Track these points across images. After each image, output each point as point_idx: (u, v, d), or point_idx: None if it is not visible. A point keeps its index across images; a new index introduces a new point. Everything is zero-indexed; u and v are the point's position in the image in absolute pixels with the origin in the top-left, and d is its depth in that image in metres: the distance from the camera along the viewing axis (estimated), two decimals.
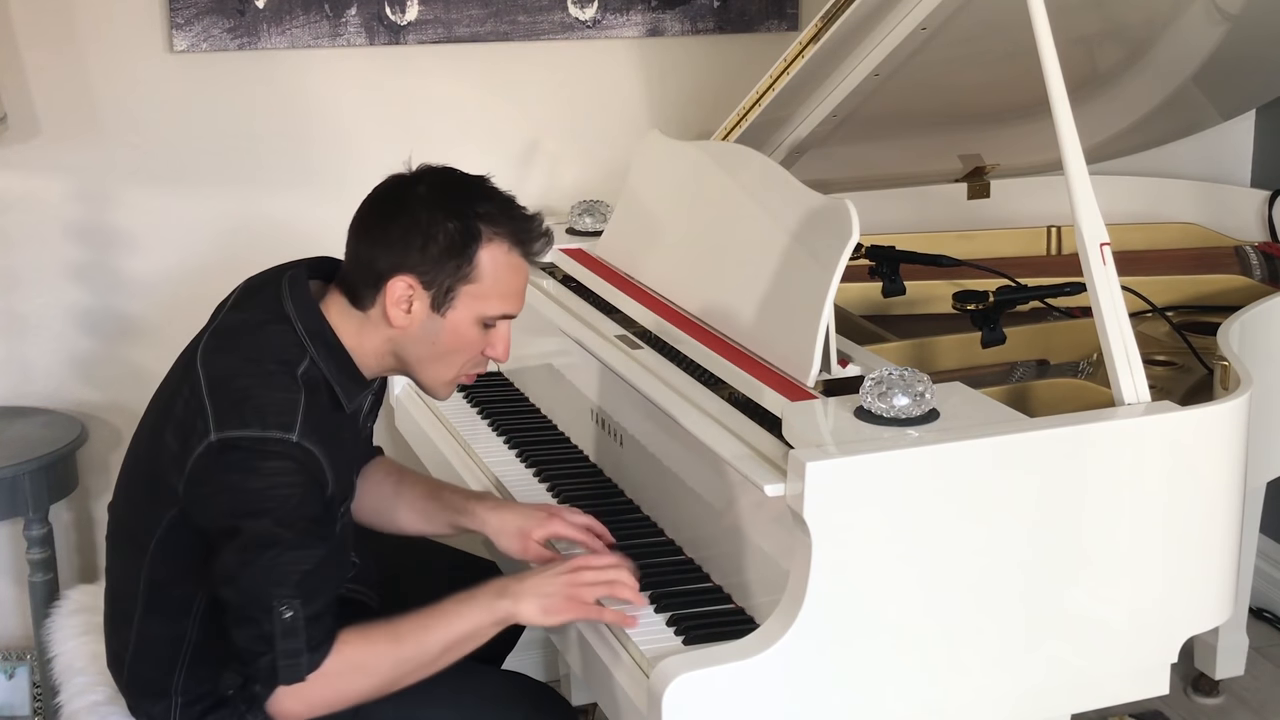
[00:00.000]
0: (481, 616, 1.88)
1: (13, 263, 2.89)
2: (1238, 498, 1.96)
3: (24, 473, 2.68)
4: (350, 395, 1.93)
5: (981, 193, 3.08)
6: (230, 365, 1.86)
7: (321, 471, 1.83)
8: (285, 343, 1.88)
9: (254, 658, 1.79)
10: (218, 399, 1.82)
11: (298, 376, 1.85)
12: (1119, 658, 1.93)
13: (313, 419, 1.82)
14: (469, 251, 1.88)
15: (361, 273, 1.91)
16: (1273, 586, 3.40)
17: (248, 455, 1.79)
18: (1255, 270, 2.88)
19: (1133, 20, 2.65)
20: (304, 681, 1.79)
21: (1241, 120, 3.39)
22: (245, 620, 1.80)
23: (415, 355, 1.94)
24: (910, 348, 2.34)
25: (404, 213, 1.89)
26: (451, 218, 1.88)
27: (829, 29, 2.35)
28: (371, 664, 1.84)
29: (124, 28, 2.85)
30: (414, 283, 1.88)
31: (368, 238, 1.91)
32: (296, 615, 1.77)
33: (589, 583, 1.89)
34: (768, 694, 1.71)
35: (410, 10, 2.98)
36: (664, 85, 3.19)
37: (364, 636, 1.84)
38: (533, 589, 1.89)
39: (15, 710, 2.92)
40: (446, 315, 1.90)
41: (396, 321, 1.89)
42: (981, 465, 1.79)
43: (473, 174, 1.96)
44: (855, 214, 1.95)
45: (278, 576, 1.77)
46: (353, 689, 1.84)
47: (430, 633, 1.86)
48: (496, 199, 1.93)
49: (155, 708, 2.00)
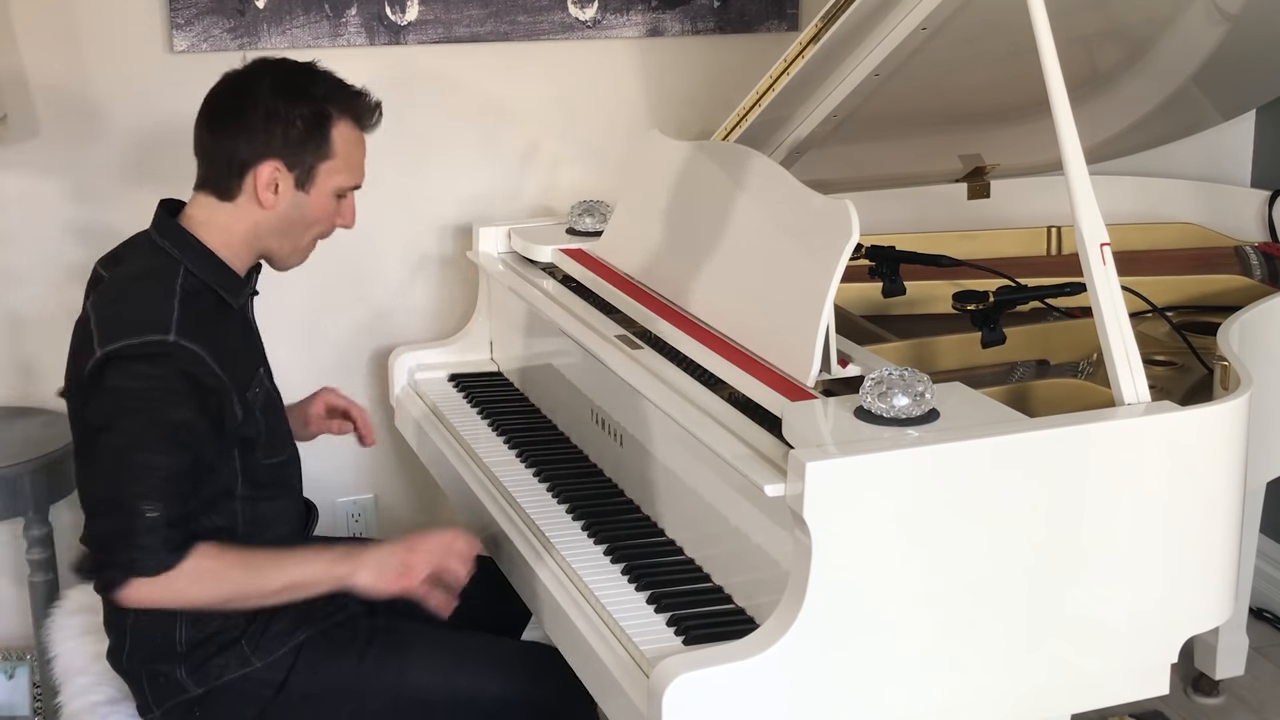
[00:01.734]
0: (322, 573, 2.03)
1: (13, 263, 2.89)
2: (1238, 498, 1.96)
3: (24, 473, 2.68)
4: (234, 293, 2.10)
5: (981, 193, 3.08)
6: (109, 294, 2.04)
7: (203, 365, 1.95)
8: (158, 264, 2.05)
9: (111, 548, 1.91)
10: (102, 323, 1.98)
11: (176, 287, 2.00)
12: (1119, 658, 1.93)
13: (190, 318, 1.97)
14: (323, 131, 2.08)
15: (224, 165, 2.07)
16: (1273, 586, 3.40)
17: (127, 364, 1.93)
18: (1255, 270, 2.88)
19: (1133, 20, 2.65)
20: (155, 576, 1.90)
21: (1241, 120, 3.39)
22: (108, 512, 1.92)
23: (279, 232, 2.11)
24: (910, 348, 2.34)
25: (257, 104, 2.05)
26: (303, 103, 2.06)
27: (829, 29, 2.35)
28: (218, 579, 1.96)
29: (124, 28, 2.85)
30: (279, 165, 2.06)
31: (225, 131, 2.07)
32: (159, 517, 1.89)
33: (421, 563, 2.05)
34: (768, 694, 1.71)
35: (410, 10, 2.98)
36: (664, 85, 3.19)
37: (220, 554, 1.97)
38: (372, 560, 2.04)
39: (15, 710, 2.92)
40: (310, 192, 2.10)
41: (266, 203, 2.07)
42: (981, 465, 1.79)
43: (303, 60, 2.14)
44: (855, 214, 1.95)
45: (144, 476, 1.90)
46: (193, 593, 1.95)
47: (278, 571, 2.01)
48: (333, 82, 2.12)
49: (163, 668, 2.05)
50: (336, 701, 2.08)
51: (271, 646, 2.06)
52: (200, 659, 2.04)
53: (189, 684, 2.05)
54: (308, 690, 2.07)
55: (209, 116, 2.10)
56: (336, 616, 2.12)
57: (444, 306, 3.15)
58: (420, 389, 2.86)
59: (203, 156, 2.11)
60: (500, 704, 2.13)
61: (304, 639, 2.08)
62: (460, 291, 3.14)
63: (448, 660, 2.14)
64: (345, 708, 2.08)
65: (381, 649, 2.11)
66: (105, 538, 1.92)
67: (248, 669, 2.05)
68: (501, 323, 2.91)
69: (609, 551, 2.10)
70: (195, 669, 2.04)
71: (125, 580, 1.90)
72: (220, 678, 2.04)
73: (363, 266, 3.06)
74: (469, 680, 2.13)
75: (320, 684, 2.07)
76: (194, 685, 2.05)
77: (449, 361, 2.94)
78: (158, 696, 2.07)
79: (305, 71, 2.11)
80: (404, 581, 2.04)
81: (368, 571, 2.03)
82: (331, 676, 2.08)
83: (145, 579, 1.90)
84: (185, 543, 1.93)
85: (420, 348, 2.96)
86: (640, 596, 1.98)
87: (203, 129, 2.11)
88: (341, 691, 2.08)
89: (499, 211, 3.10)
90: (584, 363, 2.42)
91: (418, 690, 2.10)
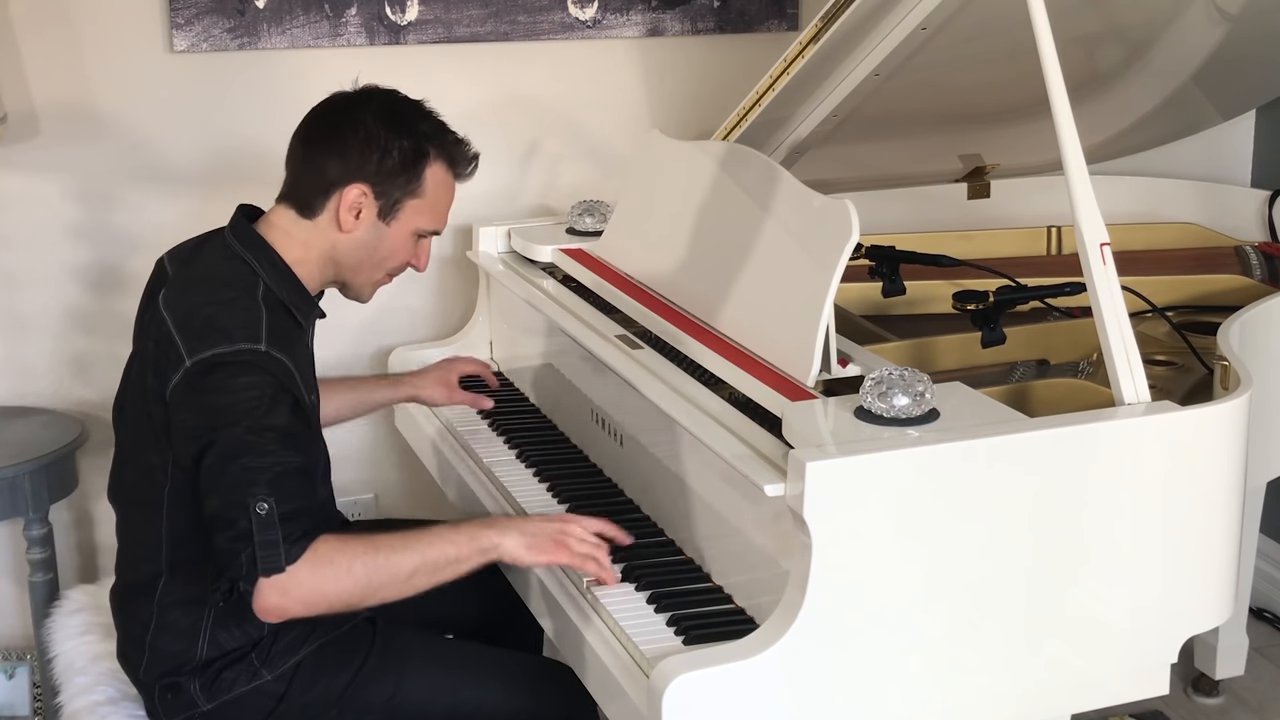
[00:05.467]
0: (465, 544, 1.96)
1: (13, 263, 2.89)
2: (1238, 498, 1.96)
3: (24, 473, 2.68)
4: (304, 313, 2.08)
5: (981, 193, 3.08)
6: (191, 301, 1.98)
7: (291, 378, 1.94)
8: (238, 272, 2.02)
9: (235, 556, 1.86)
10: (185, 330, 1.94)
11: (258, 298, 1.98)
12: (1119, 658, 1.93)
13: (276, 332, 1.94)
14: (418, 168, 2.07)
15: (312, 181, 2.06)
16: (1273, 586, 3.40)
17: (220, 373, 1.90)
18: (1255, 270, 2.88)
19: (1133, 20, 2.65)
20: (284, 573, 1.85)
21: (1241, 120, 3.39)
22: (225, 523, 1.87)
23: (354, 260, 2.10)
24: (910, 348, 2.34)
25: (358, 127, 2.04)
26: (404, 136, 2.06)
27: (829, 29, 2.35)
28: (346, 565, 1.89)
29: (124, 28, 2.85)
30: (367, 190, 2.04)
31: (321, 148, 2.06)
32: (271, 510, 1.85)
33: (578, 537, 2.00)
34: (768, 694, 1.71)
35: (410, 10, 2.98)
36: (664, 85, 3.19)
37: (343, 543, 1.91)
38: (520, 526, 2.00)
39: (15, 710, 2.92)
40: (390, 225, 2.08)
41: (345, 226, 2.05)
42: (981, 465, 1.79)
43: (414, 97, 2.13)
44: (855, 214, 1.95)
45: (252, 477, 1.86)
46: (329, 589, 1.89)
47: (408, 550, 1.93)
48: (437, 123, 2.12)
49: (176, 682, 2.04)
50: (336, 712, 2.06)
51: (280, 659, 2.04)
52: (213, 674, 2.02)
53: (200, 699, 2.03)
54: (307, 701, 2.05)
55: (307, 131, 2.09)
56: (342, 627, 2.09)
57: (444, 306, 3.15)
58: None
59: (293, 169, 2.10)
60: (501, 716, 2.11)
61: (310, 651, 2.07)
62: (460, 291, 3.14)
63: (447, 671, 2.12)
64: (344, 718, 2.07)
65: (380, 659, 2.09)
66: (226, 547, 1.86)
67: (256, 682, 2.03)
68: (501, 323, 2.91)
69: (609, 551, 2.10)
70: (208, 684, 2.02)
71: (254, 587, 1.85)
72: (230, 692, 2.03)
73: None
74: (469, 692, 2.11)
75: (320, 694, 2.05)
76: (205, 700, 2.03)
77: None
78: (168, 709, 2.05)
79: (412, 106, 2.11)
80: (559, 553, 1.98)
81: (517, 537, 1.97)
82: (331, 687, 2.06)
83: (270, 578, 1.84)
84: (304, 536, 1.87)
85: (420, 347, 2.96)
86: (640, 596, 1.98)
87: (298, 142, 2.09)
88: (340, 701, 2.06)
89: (499, 211, 3.10)
90: (584, 363, 2.42)
91: (416, 701, 2.08)
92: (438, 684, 2.10)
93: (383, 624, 2.14)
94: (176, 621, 2.03)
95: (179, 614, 2.03)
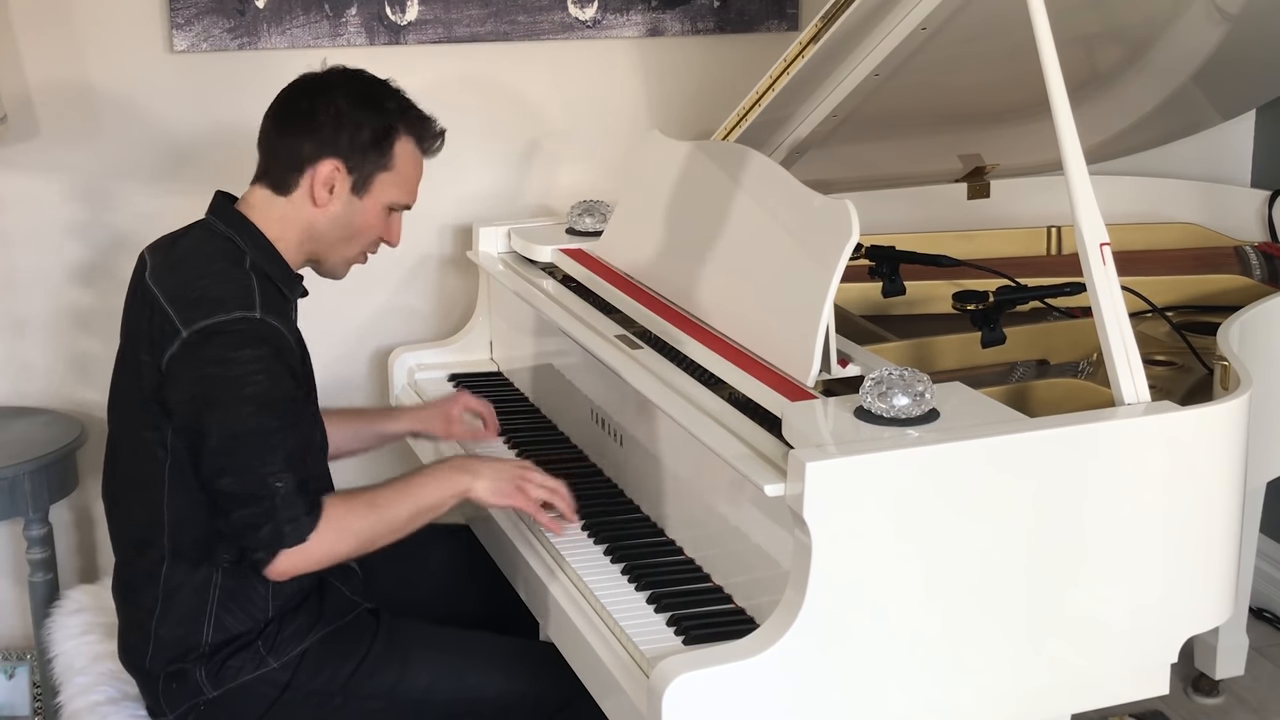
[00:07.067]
0: (444, 489, 2.10)
1: (13, 263, 2.89)
2: (1238, 498, 1.96)
3: (24, 473, 2.68)
4: (289, 287, 2.12)
5: (981, 193, 3.08)
6: (182, 274, 2.04)
7: (287, 343, 2.00)
8: (224, 247, 2.08)
9: (255, 530, 1.94)
10: (178, 303, 1.99)
11: (247, 269, 2.04)
12: (1119, 658, 1.93)
13: (268, 300, 2.00)
14: (388, 143, 2.12)
15: (286, 159, 2.11)
16: (1273, 586, 3.40)
17: (219, 343, 1.94)
18: (1255, 270, 2.88)
19: (1133, 20, 2.65)
20: (306, 542, 1.94)
21: (1241, 120, 3.38)
22: (242, 500, 1.94)
23: (330, 235, 2.14)
24: (910, 348, 2.34)
25: (329, 106, 2.10)
26: (373, 113, 2.11)
27: (829, 29, 2.35)
28: (354, 525, 2.01)
29: (124, 28, 2.85)
30: (340, 165, 2.09)
31: (293, 128, 2.11)
32: (289, 485, 1.93)
33: (536, 482, 2.15)
34: (768, 694, 1.71)
35: (410, 10, 2.98)
36: (664, 85, 3.19)
37: (347, 502, 2.02)
38: (489, 471, 2.13)
39: (15, 710, 2.92)
40: (364, 199, 2.13)
41: (319, 201, 2.10)
42: (981, 465, 1.79)
43: (381, 76, 2.18)
44: (855, 214, 1.95)
45: (266, 456, 1.93)
46: (340, 548, 2.00)
47: (404, 501, 2.06)
48: (405, 101, 2.17)
49: (183, 669, 2.05)
50: (340, 700, 2.08)
51: (286, 647, 2.06)
52: (219, 661, 2.04)
53: (206, 686, 2.04)
54: (312, 689, 2.07)
55: (278, 113, 2.14)
56: (347, 616, 2.12)
57: (444, 306, 3.15)
58: (420, 389, 2.86)
59: (266, 150, 2.15)
60: (503, 702, 2.13)
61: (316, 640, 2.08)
62: (460, 291, 3.14)
63: (449, 659, 2.14)
64: (348, 706, 2.08)
65: (384, 648, 2.11)
66: (245, 523, 1.94)
67: (262, 669, 2.05)
68: (501, 323, 2.91)
69: (609, 551, 2.10)
70: (214, 671, 2.04)
71: (273, 557, 1.94)
72: (236, 679, 2.04)
73: (363, 266, 3.05)
74: (471, 678, 2.13)
75: (324, 682, 2.07)
76: (211, 687, 2.04)
77: (449, 361, 2.94)
78: (172, 700, 2.06)
79: (380, 85, 2.17)
80: (519, 498, 2.13)
81: (485, 482, 2.11)
82: (335, 675, 2.08)
83: (291, 549, 1.94)
84: (316, 504, 1.97)
85: (420, 348, 2.96)
86: (640, 596, 1.98)
87: (270, 124, 2.14)
88: (344, 689, 2.08)
89: (499, 211, 3.10)
90: (584, 363, 2.42)
91: (419, 688, 2.10)
92: (440, 671, 2.12)
93: (386, 614, 2.16)
94: (183, 604, 2.04)
95: (185, 595, 2.04)
